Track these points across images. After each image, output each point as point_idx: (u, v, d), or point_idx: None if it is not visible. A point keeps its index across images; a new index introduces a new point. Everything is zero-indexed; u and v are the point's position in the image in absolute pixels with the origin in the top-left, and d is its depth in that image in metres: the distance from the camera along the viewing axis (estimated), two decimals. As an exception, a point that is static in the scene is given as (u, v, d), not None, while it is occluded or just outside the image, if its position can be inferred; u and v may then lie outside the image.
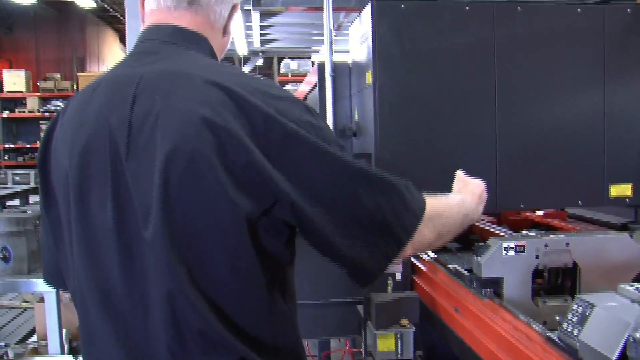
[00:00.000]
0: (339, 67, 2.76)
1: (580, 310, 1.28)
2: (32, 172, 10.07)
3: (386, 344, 1.90)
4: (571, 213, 2.95)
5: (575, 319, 1.28)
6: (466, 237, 2.62)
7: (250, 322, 1.03)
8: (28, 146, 12.32)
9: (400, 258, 1.17)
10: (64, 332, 2.60)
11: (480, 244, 1.98)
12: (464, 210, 1.29)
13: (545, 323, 1.71)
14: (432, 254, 2.27)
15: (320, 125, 1.06)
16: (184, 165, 0.97)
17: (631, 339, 1.11)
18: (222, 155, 0.97)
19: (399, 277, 2.09)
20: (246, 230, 0.99)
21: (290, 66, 10.80)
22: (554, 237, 1.86)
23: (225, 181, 0.97)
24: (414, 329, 1.93)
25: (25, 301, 5.43)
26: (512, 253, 1.77)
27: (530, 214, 3.02)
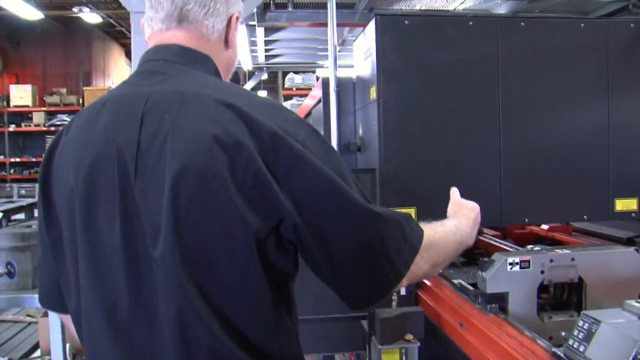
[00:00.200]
0: (343, 82, 2.78)
1: (586, 326, 1.27)
2: (37, 186, 10.09)
3: (391, 359, 1.89)
4: (576, 227, 2.93)
5: (581, 336, 1.27)
6: (471, 252, 2.61)
7: (259, 338, 1.03)
8: (34, 160, 12.39)
9: (395, 289, 1.18)
10: (68, 347, 2.60)
11: (485, 258, 1.97)
12: (459, 237, 1.29)
13: (551, 339, 1.70)
14: (436, 269, 2.26)
15: (325, 147, 1.07)
16: (194, 183, 0.98)
17: (639, 356, 1.10)
18: (233, 173, 0.98)
19: (403, 292, 2.09)
20: (255, 248, 0.99)
21: (294, 80, 10.85)
22: (559, 252, 1.85)
23: (236, 199, 0.97)
24: (419, 344, 1.91)
25: (29, 316, 5.42)
26: (517, 268, 1.77)
27: (535, 227, 3.01)
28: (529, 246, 2.58)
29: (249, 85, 7.52)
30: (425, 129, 2.31)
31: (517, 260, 1.77)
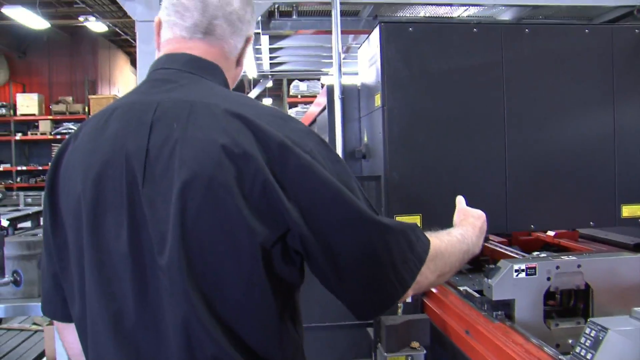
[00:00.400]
0: (347, 89, 2.78)
1: (593, 334, 1.26)
2: (43, 194, 10.12)
3: (397, 367, 1.89)
4: (583, 233, 2.92)
5: (588, 343, 1.26)
6: (477, 259, 2.60)
7: (262, 348, 1.03)
8: (40, 168, 12.43)
9: (401, 301, 1.17)
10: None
11: (490, 265, 1.96)
12: (465, 246, 1.29)
13: (558, 346, 1.69)
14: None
15: (333, 157, 1.07)
16: (202, 192, 0.98)
17: (646, 363, 1.10)
18: (240, 182, 0.98)
19: (409, 299, 2.08)
20: (261, 257, 1.00)
21: (299, 87, 10.88)
22: (565, 258, 1.84)
23: (243, 208, 0.98)
24: (425, 351, 1.91)
25: (35, 324, 5.43)
26: (523, 275, 1.76)
27: (541, 234, 3.00)
28: (535, 253, 2.57)
29: (253, 93, 7.53)
30: (430, 136, 2.31)
31: (523, 267, 1.76)
